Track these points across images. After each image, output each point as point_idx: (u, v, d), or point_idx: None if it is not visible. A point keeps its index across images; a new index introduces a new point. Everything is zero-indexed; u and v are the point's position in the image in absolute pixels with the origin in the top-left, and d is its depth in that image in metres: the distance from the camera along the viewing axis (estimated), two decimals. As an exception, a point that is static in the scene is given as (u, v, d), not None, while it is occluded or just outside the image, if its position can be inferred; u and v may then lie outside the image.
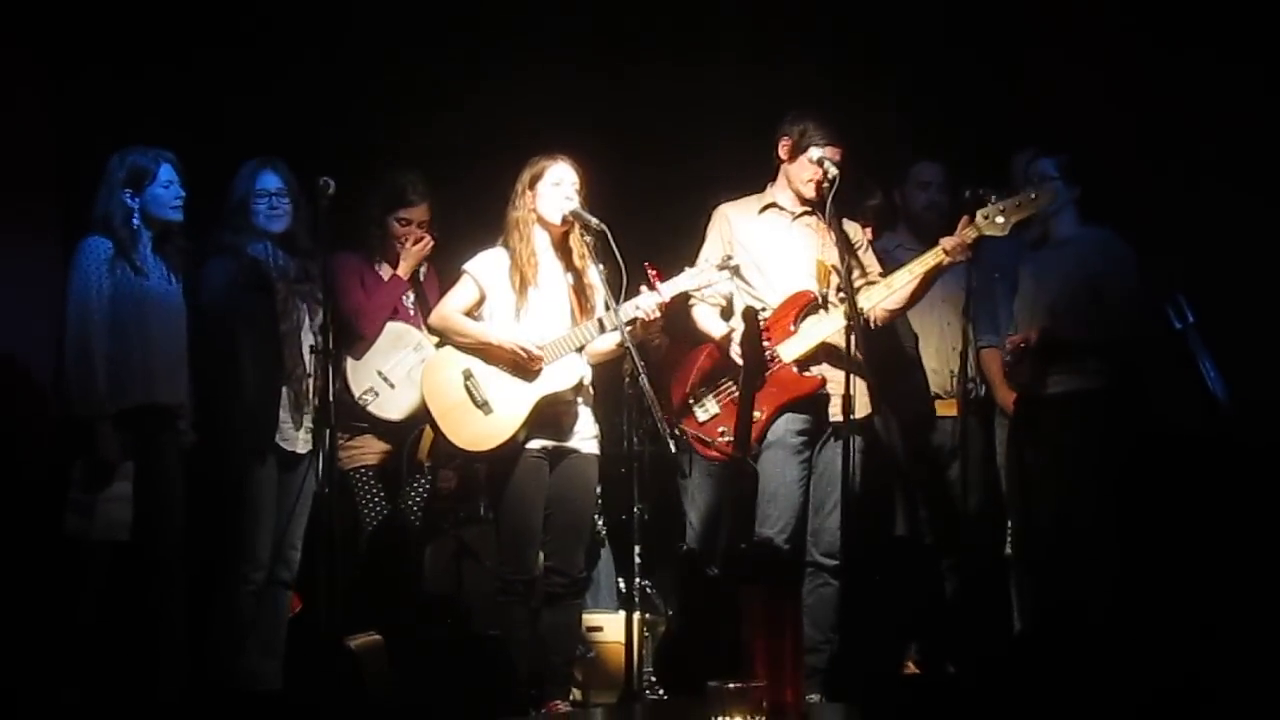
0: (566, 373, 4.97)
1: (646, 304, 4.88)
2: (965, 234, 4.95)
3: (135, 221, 4.90)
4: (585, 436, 5.06)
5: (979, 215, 4.93)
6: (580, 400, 5.05)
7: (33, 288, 5.29)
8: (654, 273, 4.89)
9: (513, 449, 4.93)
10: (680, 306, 5.08)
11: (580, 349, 4.99)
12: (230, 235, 5.10)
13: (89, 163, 5.04)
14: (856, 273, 5.10)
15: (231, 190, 5.13)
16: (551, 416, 4.98)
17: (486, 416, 4.95)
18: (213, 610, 5.06)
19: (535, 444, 4.96)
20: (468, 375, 4.98)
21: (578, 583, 5.06)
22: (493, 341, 4.96)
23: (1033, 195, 4.97)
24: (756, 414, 4.99)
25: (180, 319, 5.03)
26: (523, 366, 4.94)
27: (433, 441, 5.40)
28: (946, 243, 4.97)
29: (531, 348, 4.90)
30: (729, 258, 5.01)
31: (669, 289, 4.92)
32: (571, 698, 5.17)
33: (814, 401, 5.07)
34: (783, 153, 5.15)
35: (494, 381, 4.97)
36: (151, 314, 4.92)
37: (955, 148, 5.99)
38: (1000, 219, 4.93)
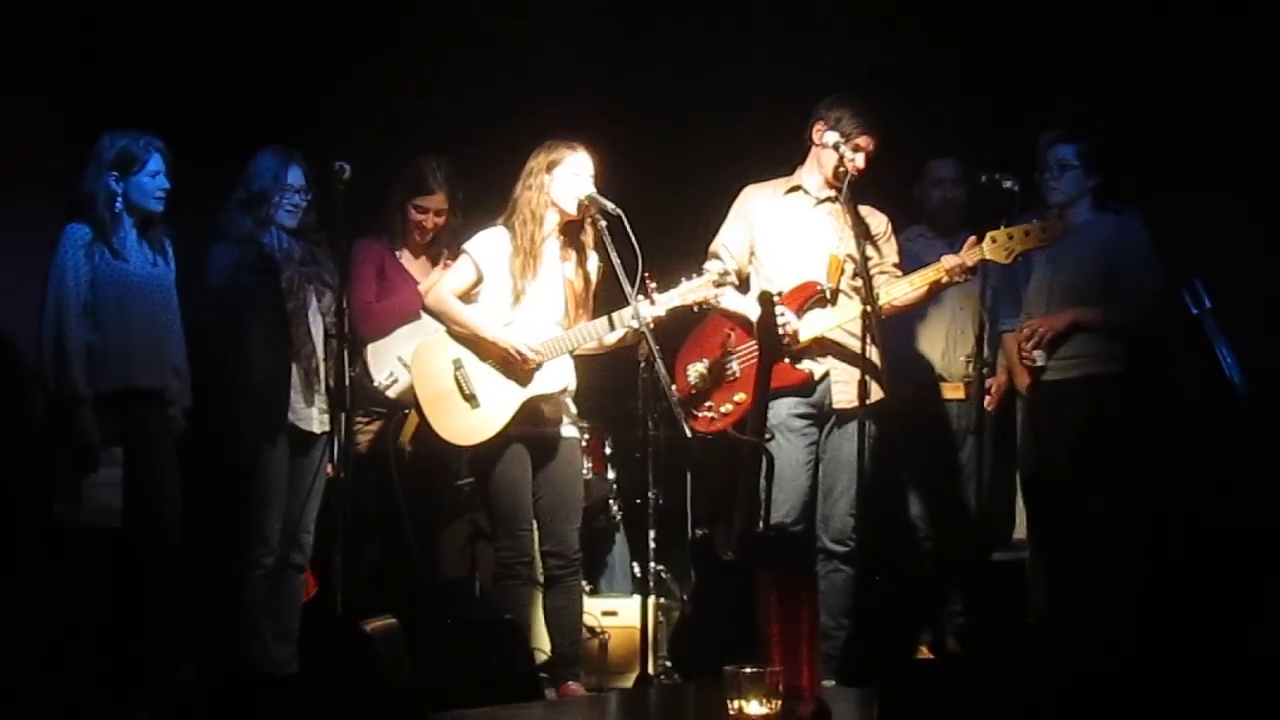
0: (557, 375, 4.98)
1: (642, 315, 4.87)
2: (968, 256, 4.96)
3: (118, 205, 4.91)
4: (565, 423, 5.10)
5: (986, 239, 4.94)
6: (564, 394, 5.07)
7: (35, 271, 5.29)
8: (653, 285, 4.88)
9: (495, 444, 4.95)
10: (678, 316, 5.08)
11: (574, 351, 5.00)
12: (250, 225, 5.09)
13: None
14: (873, 260, 5.09)
15: (251, 179, 5.13)
16: (533, 412, 5.00)
17: (473, 410, 4.96)
18: (224, 594, 5.08)
19: (516, 431, 4.99)
20: (458, 365, 4.98)
21: (574, 563, 5.08)
22: (486, 336, 4.96)
23: (1042, 227, 4.96)
24: (741, 396, 5.06)
25: (166, 302, 5.02)
26: (514, 365, 4.94)
27: (416, 426, 5.39)
28: (948, 261, 4.98)
29: (526, 351, 4.91)
30: (726, 274, 5.03)
31: (665, 302, 4.91)
32: (581, 679, 5.18)
33: (811, 386, 5.08)
34: (815, 136, 5.13)
35: (483, 376, 4.97)
36: (131, 298, 4.91)
37: (974, 134, 5.97)
38: (1007, 246, 4.93)
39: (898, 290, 5.05)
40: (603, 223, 4.92)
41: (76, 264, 4.83)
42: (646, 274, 4.84)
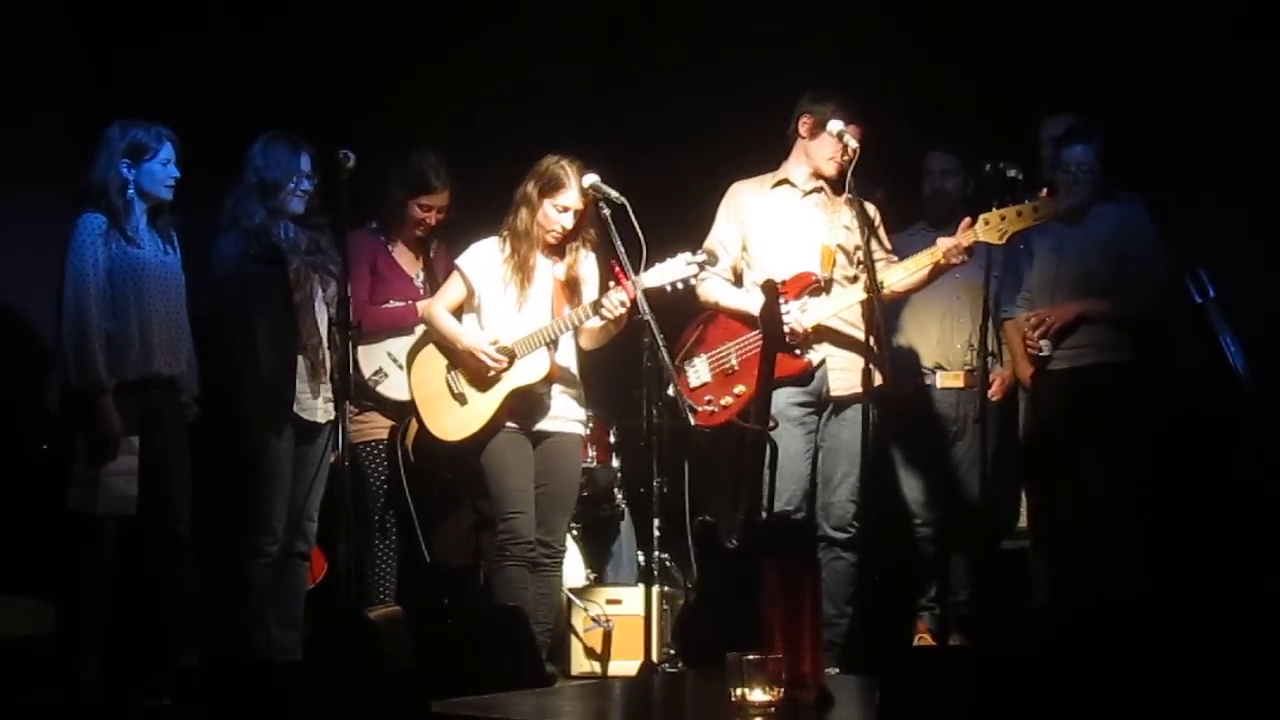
0: (534, 367, 5.05)
1: (611, 302, 4.91)
2: (962, 239, 4.96)
3: (130, 193, 4.92)
4: (567, 419, 5.16)
5: (979, 220, 4.93)
6: (557, 387, 5.11)
7: (46, 258, 5.30)
8: (617, 269, 4.90)
9: (486, 435, 5.04)
10: (676, 310, 5.10)
11: (551, 343, 5.04)
12: (264, 215, 5.08)
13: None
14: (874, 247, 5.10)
15: (263, 169, 5.10)
16: (525, 405, 5.08)
17: (461, 408, 5.10)
18: (229, 582, 5.09)
19: (512, 425, 5.08)
20: (450, 368, 5.13)
21: (560, 554, 5.19)
22: (461, 346, 5.07)
23: (1034, 207, 4.93)
24: (741, 388, 5.08)
25: (178, 290, 5.04)
26: (490, 366, 5.03)
27: (417, 432, 5.42)
28: (943, 243, 4.98)
29: (487, 358, 5.00)
30: (699, 250, 5.01)
31: (632, 286, 4.91)
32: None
33: (809, 375, 5.10)
34: (803, 130, 5.14)
35: (468, 377, 5.11)
36: (148, 285, 4.93)
37: (974, 124, 5.97)
38: (1000, 227, 4.92)
39: (894, 275, 5.06)
40: (606, 211, 4.93)
41: (95, 253, 4.84)
42: (611, 259, 4.89)
